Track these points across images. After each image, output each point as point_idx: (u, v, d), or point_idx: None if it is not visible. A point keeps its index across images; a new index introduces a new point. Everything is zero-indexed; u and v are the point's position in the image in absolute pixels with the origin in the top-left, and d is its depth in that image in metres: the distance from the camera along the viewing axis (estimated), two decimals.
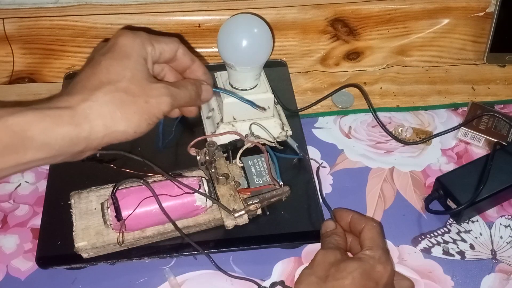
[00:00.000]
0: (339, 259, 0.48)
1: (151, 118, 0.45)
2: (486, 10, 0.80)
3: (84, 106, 0.42)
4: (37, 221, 0.58)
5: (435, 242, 0.59)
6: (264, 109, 0.60)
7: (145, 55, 0.47)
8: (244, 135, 0.60)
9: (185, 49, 0.51)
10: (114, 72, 0.44)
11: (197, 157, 0.56)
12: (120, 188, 0.52)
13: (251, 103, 0.59)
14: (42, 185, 0.61)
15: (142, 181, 0.52)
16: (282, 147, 0.62)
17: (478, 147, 0.68)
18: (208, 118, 0.64)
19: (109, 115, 0.43)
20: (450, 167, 0.66)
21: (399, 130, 0.70)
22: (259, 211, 0.55)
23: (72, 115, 0.41)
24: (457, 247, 0.58)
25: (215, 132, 0.61)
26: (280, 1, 0.77)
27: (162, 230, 0.53)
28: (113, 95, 0.43)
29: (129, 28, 0.52)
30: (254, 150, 0.60)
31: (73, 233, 0.51)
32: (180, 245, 0.54)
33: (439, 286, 0.55)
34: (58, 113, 0.41)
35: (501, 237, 0.60)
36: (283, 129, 0.63)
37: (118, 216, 0.50)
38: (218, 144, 0.57)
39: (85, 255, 0.52)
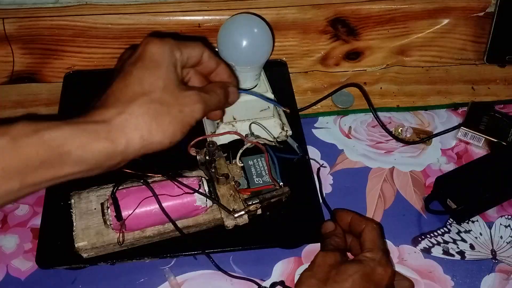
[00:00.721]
0: (339, 261, 0.48)
1: (185, 127, 0.45)
2: (486, 10, 0.80)
3: (120, 119, 0.42)
4: (37, 221, 0.58)
5: (435, 242, 0.59)
6: (288, 109, 0.60)
7: (175, 62, 0.46)
8: (244, 135, 0.60)
9: (210, 52, 0.50)
10: (147, 82, 0.44)
11: (197, 157, 0.56)
12: (120, 188, 0.52)
13: (275, 103, 0.59)
14: None
15: (142, 181, 0.52)
16: (282, 146, 0.62)
17: (478, 147, 0.68)
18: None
19: (145, 127, 0.42)
20: (450, 167, 0.66)
21: (399, 130, 0.70)
22: (259, 211, 0.55)
23: (108, 130, 0.41)
24: (457, 247, 0.58)
25: (215, 132, 0.61)
26: (280, 1, 0.76)
27: (162, 230, 0.53)
28: (148, 107, 0.43)
29: (155, 34, 0.51)
30: (254, 150, 0.60)
31: (73, 233, 0.51)
32: (180, 245, 0.54)
33: (439, 286, 0.55)
34: (94, 128, 0.41)
35: (501, 237, 0.60)
36: (283, 129, 0.63)
37: (118, 216, 0.50)
38: (218, 144, 0.57)
39: (85, 255, 0.52)
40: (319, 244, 0.54)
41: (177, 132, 0.44)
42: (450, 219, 0.61)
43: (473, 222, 0.61)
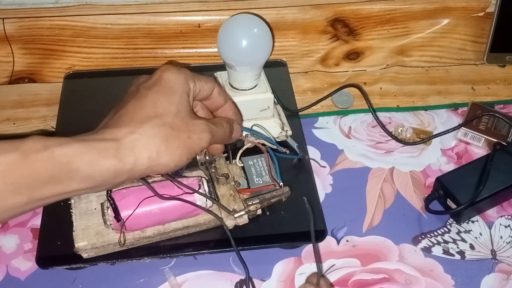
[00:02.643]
0: None
1: (191, 153, 0.46)
2: (486, 10, 0.80)
3: (131, 138, 0.43)
4: (37, 221, 0.58)
5: (435, 241, 0.59)
6: (287, 150, 0.61)
7: (188, 91, 0.48)
8: (244, 135, 0.60)
9: (220, 89, 0.52)
10: (161, 106, 0.45)
11: (197, 157, 0.56)
12: (120, 188, 0.52)
13: (277, 144, 0.60)
14: None
15: (142, 181, 0.52)
16: (284, 150, 0.62)
17: (478, 147, 0.68)
18: None
19: (154, 148, 0.43)
20: (450, 167, 0.66)
21: (399, 130, 0.70)
22: (259, 211, 0.55)
23: (117, 148, 0.42)
24: (457, 247, 0.58)
25: None
26: (280, 1, 0.77)
27: (162, 230, 0.53)
28: (160, 129, 0.44)
29: (172, 63, 0.54)
30: (254, 150, 0.60)
31: (73, 233, 0.51)
32: (180, 245, 0.54)
33: (440, 284, 0.55)
34: (104, 145, 0.41)
35: (501, 237, 0.60)
36: (283, 129, 0.63)
37: (117, 216, 0.50)
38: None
39: (85, 255, 0.52)
40: (319, 244, 0.54)
41: (183, 157, 0.46)
42: (450, 219, 0.61)
43: (473, 222, 0.61)
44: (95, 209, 0.53)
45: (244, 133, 0.61)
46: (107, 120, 0.45)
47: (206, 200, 0.53)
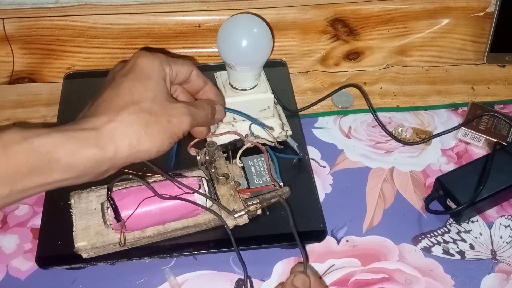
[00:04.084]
0: None
1: (172, 137, 0.46)
2: (486, 10, 0.80)
3: (110, 126, 0.43)
4: (37, 221, 0.58)
5: (435, 241, 0.59)
6: (271, 129, 0.61)
7: (164, 76, 0.48)
8: (244, 135, 0.60)
9: (198, 71, 0.52)
10: (137, 93, 0.45)
11: (197, 157, 0.56)
12: (120, 188, 0.52)
13: (261, 124, 0.60)
14: None
15: (142, 181, 0.52)
16: (282, 147, 0.62)
17: (478, 147, 0.68)
18: None
19: (134, 135, 0.43)
20: (450, 167, 0.66)
21: (399, 130, 0.70)
22: (259, 211, 0.55)
23: (97, 137, 0.42)
24: (457, 247, 0.58)
25: (215, 132, 0.61)
26: (280, 1, 0.77)
27: (162, 230, 0.53)
28: (138, 116, 0.44)
29: (146, 49, 0.53)
30: (254, 150, 0.60)
31: (73, 233, 0.51)
32: (180, 245, 0.54)
33: (440, 284, 0.55)
34: (83, 135, 0.41)
35: (501, 237, 0.60)
36: (283, 129, 0.63)
37: (117, 217, 0.50)
38: (218, 144, 0.57)
39: (85, 255, 0.52)
40: (319, 244, 0.54)
41: (165, 142, 0.45)
42: (450, 219, 0.61)
43: (473, 222, 0.61)
44: (95, 209, 0.53)
45: (244, 133, 0.61)
46: (86, 111, 0.45)
47: (206, 200, 0.53)
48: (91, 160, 0.41)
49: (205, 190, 0.53)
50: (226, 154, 0.59)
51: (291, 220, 0.51)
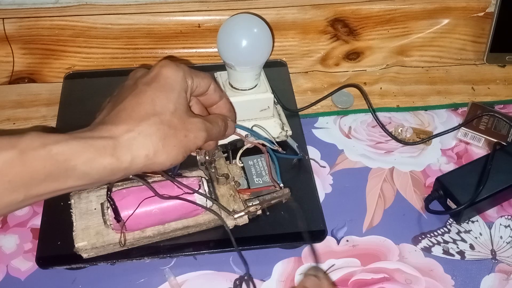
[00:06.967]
0: None
1: (186, 151, 0.46)
2: (486, 10, 0.80)
3: (129, 136, 0.42)
4: (37, 221, 0.58)
5: (435, 241, 0.59)
6: (279, 148, 0.61)
7: (186, 88, 0.48)
8: (244, 135, 0.60)
9: (216, 85, 0.52)
10: (160, 104, 0.45)
11: (197, 157, 0.56)
12: (119, 188, 0.52)
13: (269, 141, 0.60)
14: None
15: (142, 181, 0.52)
16: (284, 152, 0.61)
17: (478, 147, 0.68)
18: None
19: (152, 147, 0.43)
20: (450, 167, 0.66)
21: (399, 130, 0.70)
22: (259, 211, 0.55)
23: (114, 146, 0.42)
24: (457, 247, 0.58)
25: None
26: (280, 1, 0.77)
27: (162, 230, 0.53)
28: (158, 128, 0.44)
29: (170, 59, 0.54)
30: (254, 150, 0.60)
31: (73, 233, 0.51)
32: (180, 245, 0.54)
33: (440, 284, 0.55)
34: (101, 143, 0.41)
35: (501, 237, 0.60)
36: (283, 129, 0.63)
37: (117, 217, 0.50)
38: (218, 144, 0.57)
39: (85, 255, 0.52)
40: (319, 244, 0.54)
41: (179, 156, 0.45)
42: (450, 219, 0.61)
43: (473, 222, 0.61)
44: (95, 209, 0.53)
45: (244, 133, 0.61)
46: (104, 115, 0.45)
47: (206, 200, 0.53)
48: (107, 169, 0.41)
49: (205, 190, 0.53)
50: (226, 154, 0.59)
51: (299, 222, 0.50)
